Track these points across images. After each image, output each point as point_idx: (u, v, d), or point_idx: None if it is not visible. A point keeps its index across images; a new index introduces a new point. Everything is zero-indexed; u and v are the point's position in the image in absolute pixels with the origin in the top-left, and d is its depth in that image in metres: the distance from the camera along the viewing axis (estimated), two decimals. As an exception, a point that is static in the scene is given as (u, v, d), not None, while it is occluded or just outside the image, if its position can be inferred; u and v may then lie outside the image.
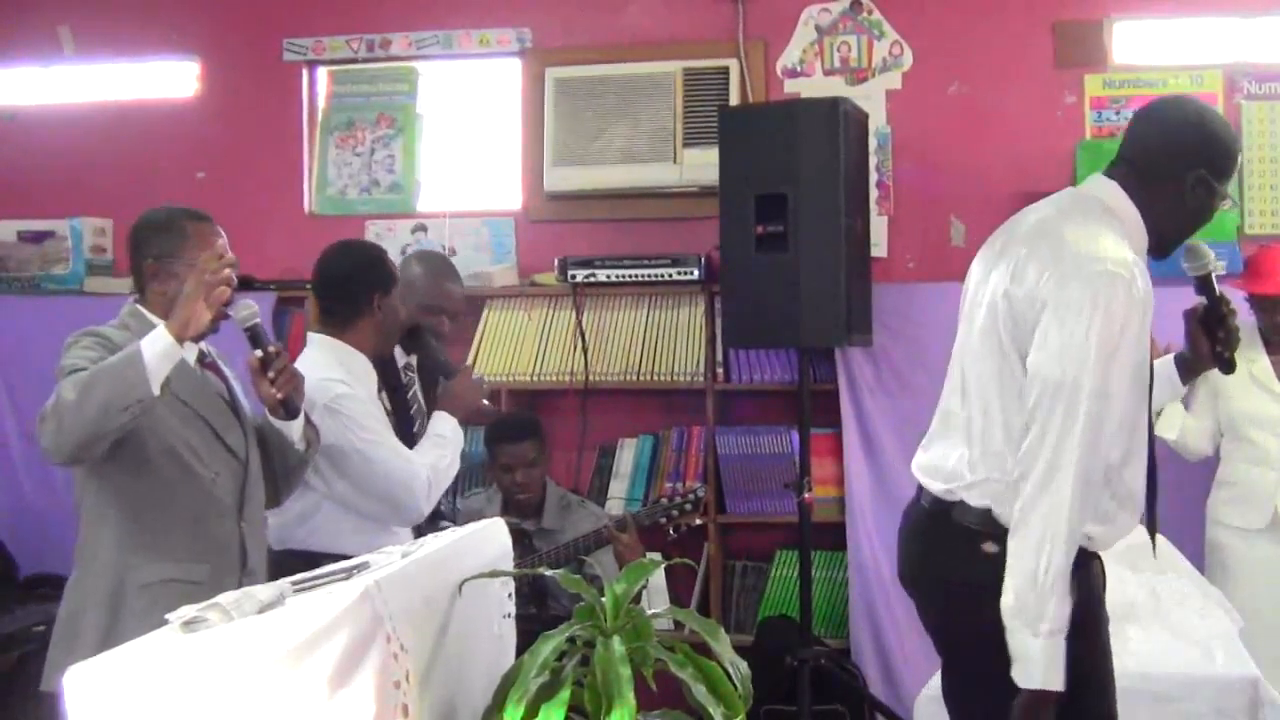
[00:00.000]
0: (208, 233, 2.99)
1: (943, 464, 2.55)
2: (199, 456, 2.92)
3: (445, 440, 3.47)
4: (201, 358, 3.02)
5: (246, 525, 3.01)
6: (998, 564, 2.38)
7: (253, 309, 2.94)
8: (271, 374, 2.94)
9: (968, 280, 2.63)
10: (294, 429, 3.07)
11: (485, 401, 3.68)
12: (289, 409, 3.01)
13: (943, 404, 2.63)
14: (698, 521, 4.26)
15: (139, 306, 2.97)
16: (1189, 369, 2.76)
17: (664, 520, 4.10)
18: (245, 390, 3.12)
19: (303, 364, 3.35)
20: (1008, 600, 2.32)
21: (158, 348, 2.68)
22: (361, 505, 3.35)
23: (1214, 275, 2.66)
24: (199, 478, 2.92)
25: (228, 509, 2.97)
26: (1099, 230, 2.42)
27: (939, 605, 2.59)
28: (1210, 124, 2.52)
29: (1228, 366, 2.69)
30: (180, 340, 2.71)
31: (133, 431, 2.74)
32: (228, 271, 2.77)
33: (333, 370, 3.36)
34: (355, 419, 3.31)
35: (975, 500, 2.47)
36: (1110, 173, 2.54)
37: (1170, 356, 2.79)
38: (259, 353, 2.93)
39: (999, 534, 2.41)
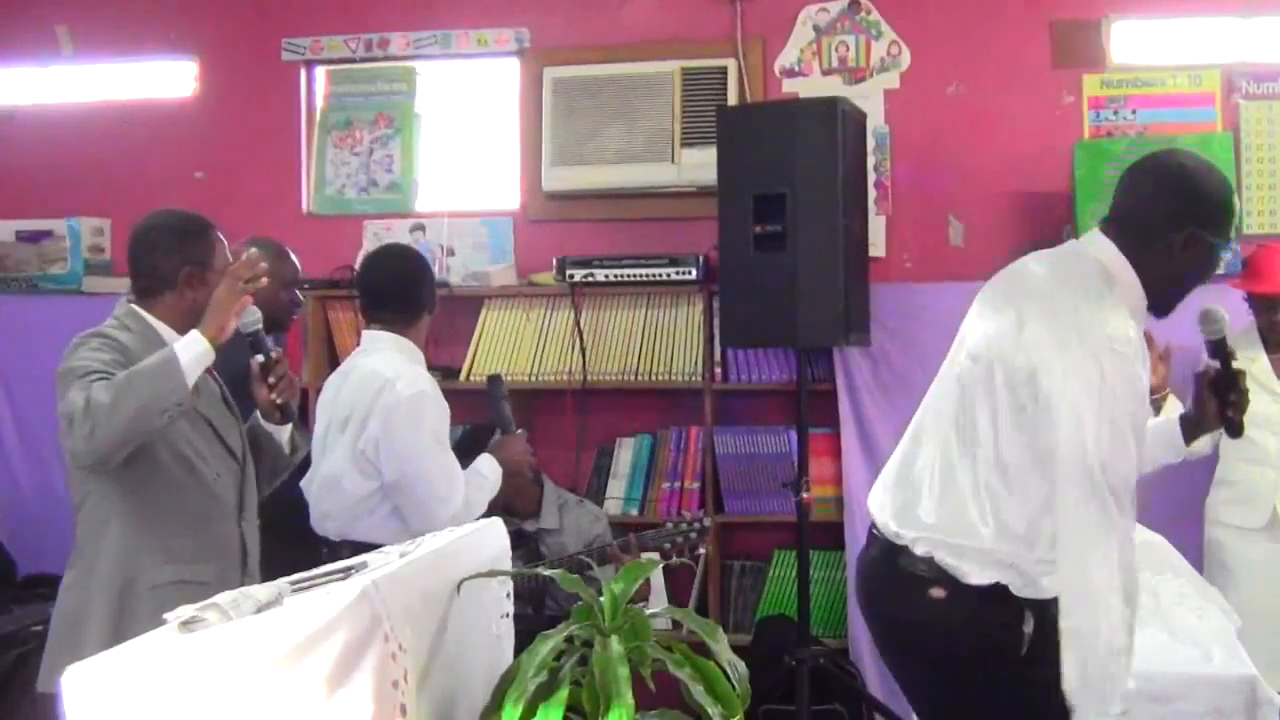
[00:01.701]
0: (221, 241, 3.04)
1: (901, 507, 2.55)
2: (203, 457, 2.95)
3: (484, 480, 3.58)
4: None
5: (245, 525, 3.03)
6: (944, 606, 2.42)
7: (256, 315, 2.97)
8: (272, 379, 2.98)
9: (963, 324, 2.61)
10: (283, 433, 3.12)
11: (529, 472, 3.87)
12: (285, 414, 3.04)
13: (906, 445, 2.62)
14: (701, 551, 4.25)
15: (135, 307, 2.97)
16: (1193, 430, 2.74)
17: (668, 545, 4.09)
18: None
19: (383, 360, 3.47)
20: (1071, 681, 2.28)
21: (194, 352, 2.72)
22: (397, 496, 3.42)
23: (1227, 339, 2.64)
24: (203, 478, 2.94)
25: (229, 509, 3.00)
26: (1102, 301, 2.39)
27: (889, 644, 2.63)
28: (1193, 179, 2.46)
29: (1236, 430, 2.69)
30: (214, 345, 2.75)
31: None
32: (264, 280, 2.83)
33: (416, 370, 3.49)
34: (432, 417, 3.42)
35: (920, 550, 2.47)
36: (1105, 230, 2.51)
37: (1175, 417, 2.77)
38: (260, 358, 2.97)
39: (945, 580, 2.42)
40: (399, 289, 3.58)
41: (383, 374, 3.42)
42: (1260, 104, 4.75)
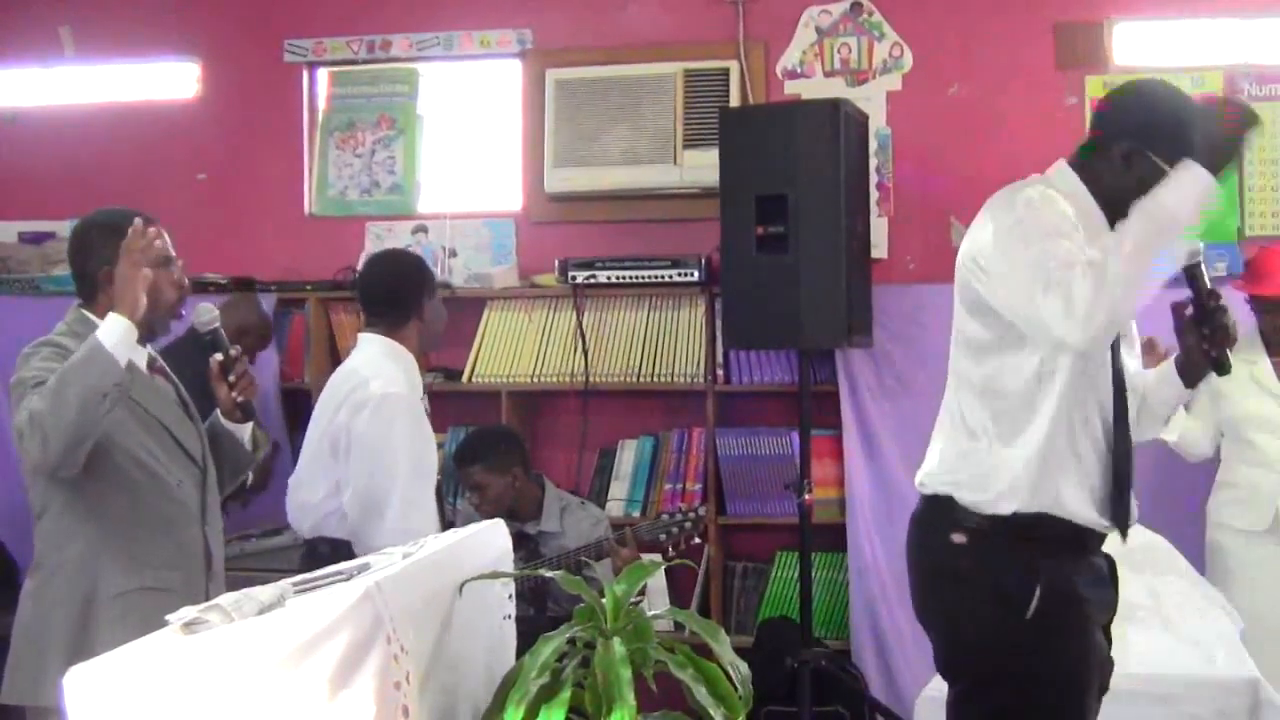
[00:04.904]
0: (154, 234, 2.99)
1: (928, 462, 2.61)
2: (162, 463, 2.91)
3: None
4: (150, 362, 2.99)
5: (209, 529, 3.01)
6: (961, 552, 2.46)
7: (213, 313, 2.97)
8: (231, 378, 2.96)
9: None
10: (244, 431, 3.09)
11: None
12: (245, 412, 3.03)
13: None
14: (696, 540, 4.25)
15: (83, 310, 2.93)
16: (1186, 374, 2.67)
17: (664, 537, 4.10)
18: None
19: (364, 361, 3.48)
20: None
21: (117, 333, 2.68)
22: (351, 494, 3.36)
23: (1203, 268, 2.57)
24: (164, 484, 2.90)
25: (192, 514, 2.96)
26: (1024, 184, 2.49)
27: (915, 586, 2.65)
28: (1140, 95, 2.54)
29: (1220, 368, 2.57)
30: (132, 320, 2.71)
31: (99, 441, 2.73)
32: (159, 243, 2.80)
33: (395, 370, 3.45)
34: (403, 421, 3.36)
35: (940, 489, 2.52)
36: (1069, 159, 2.60)
37: (1171, 360, 2.73)
38: (219, 356, 2.95)
39: (964, 524, 2.46)
40: (386, 292, 3.59)
41: (360, 372, 3.43)
42: (1263, 105, 4.73)
